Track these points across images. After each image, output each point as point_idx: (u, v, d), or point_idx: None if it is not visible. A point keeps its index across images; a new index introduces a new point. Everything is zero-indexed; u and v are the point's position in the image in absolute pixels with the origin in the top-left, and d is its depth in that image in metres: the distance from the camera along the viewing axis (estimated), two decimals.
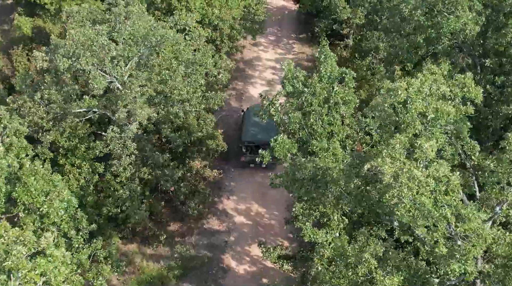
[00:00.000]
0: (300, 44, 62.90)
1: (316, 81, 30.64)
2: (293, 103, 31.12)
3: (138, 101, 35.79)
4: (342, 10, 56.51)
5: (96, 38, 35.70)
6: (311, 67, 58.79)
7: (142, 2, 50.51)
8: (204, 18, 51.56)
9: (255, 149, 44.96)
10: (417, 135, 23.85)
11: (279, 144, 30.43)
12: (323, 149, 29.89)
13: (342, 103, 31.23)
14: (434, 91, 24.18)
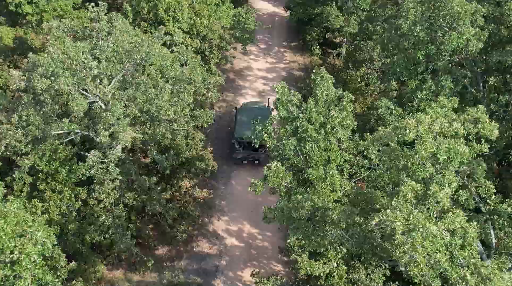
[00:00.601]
0: (291, 52, 60.34)
1: (312, 106, 28.11)
2: (288, 129, 28.57)
3: (122, 123, 33.13)
4: (334, 18, 54.03)
5: (76, 56, 33.00)
6: (303, 77, 56.33)
7: (128, 13, 48.16)
8: (192, 29, 48.97)
9: (247, 145, 44.69)
10: (427, 178, 21.38)
11: (272, 172, 27.88)
12: (320, 179, 27.43)
13: (339, 127, 28.74)
14: (446, 129, 21.71)
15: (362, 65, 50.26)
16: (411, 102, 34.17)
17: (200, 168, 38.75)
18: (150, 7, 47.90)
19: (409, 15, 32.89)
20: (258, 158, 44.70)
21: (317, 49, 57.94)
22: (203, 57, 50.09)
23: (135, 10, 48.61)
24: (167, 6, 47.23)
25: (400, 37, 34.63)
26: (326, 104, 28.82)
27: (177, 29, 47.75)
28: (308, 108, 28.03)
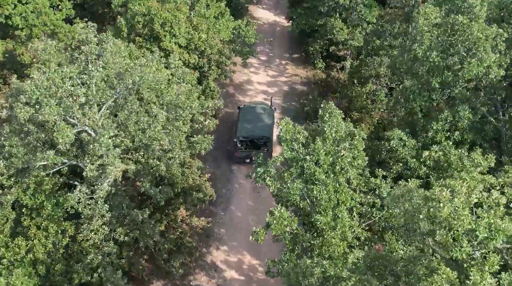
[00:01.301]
0: (293, 65, 57.09)
1: (320, 147, 24.89)
2: (293, 172, 25.37)
3: (111, 155, 29.96)
4: (339, 31, 50.83)
5: (61, 83, 29.81)
6: (305, 91, 53.09)
7: (122, 27, 44.94)
8: (190, 43, 45.75)
9: (249, 144, 44.09)
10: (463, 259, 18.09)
11: (276, 219, 24.73)
12: (330, 227, 24.32)
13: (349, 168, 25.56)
14: (485, 199, 18.55)
15: (368, 81, 47.05)
16: (426, 133, 30.99)
17: (197, 198, 35.61)
18: (146, 21, 44.71)
19: (424, 39, 29.69)
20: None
21: (320, 63, 54.74)
22: (201, 72, 46.96)
23: (130, 24, 45.39)
24: (163, 20, 44.03)
25: (413, 62, 31.41)
26: (335, 142, 25.64)
27: (174, 45, 44.67)
28: (315, 149, 24.83)
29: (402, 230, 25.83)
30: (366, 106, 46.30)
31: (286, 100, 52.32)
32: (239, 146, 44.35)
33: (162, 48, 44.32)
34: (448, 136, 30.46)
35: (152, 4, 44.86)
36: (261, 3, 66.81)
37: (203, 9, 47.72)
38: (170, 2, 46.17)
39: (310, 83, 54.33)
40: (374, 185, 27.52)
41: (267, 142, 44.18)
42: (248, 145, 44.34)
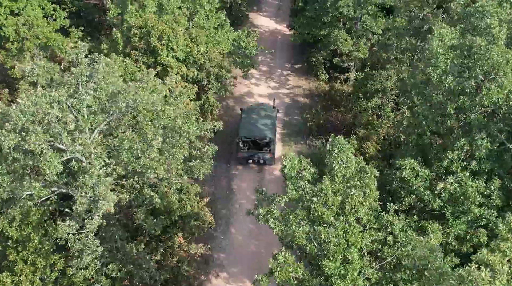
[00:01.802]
0: (295, 75, 54.55)
1: (328, 186, 22.42)
2: (299, 214, 22.90)
3: (101, 186, 27.49)
4: (343, 42, 48.29)
5: (49, 109, 27.32)
6: (308, 104, 50.56)
7: (118, 40, 42.48)
8: (188, 57, 43.26)
9: (252, 145, 43.01)
10: None
11: (280, 265, 22.28)
12: (339, 275, 21.90)
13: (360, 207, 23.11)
14: None
15: (374, 96, 44.55)
16: (440, 161, 28.51)
17: (196, 226, 33.22)
18: (142, 34, 42.21)
19: (438, 63, 27.17)
20: (263, 157, 42.62)
21: (323, 74, 52.20)
22: (200, 86, 44.51)
23: (126, 37, 42.90)
24: (161, 33, 41.53)
25: (425, 85, 28.93)
26: (344, 178, 23.19)
27: (171, 59, 42.18)
28: (323, 189, 22.37)
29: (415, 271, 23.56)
30: (371, 122, 43.82)
31: (288, 114, 49.80)
32: (241, 146, 43.15)
33: (159, 62, 41.93)
34: (464, 166, 28.01)
35: (149, 16, 42.39)
36: (262, 10, 64.22)
37: (202, 20, 45.20)
38: (168, 14, 43.71)
39: (313, 95, 51.83)
40: (386, 222, 25.09)
41: (269, 143, 42.94)
42: (251, 145, 43.19)
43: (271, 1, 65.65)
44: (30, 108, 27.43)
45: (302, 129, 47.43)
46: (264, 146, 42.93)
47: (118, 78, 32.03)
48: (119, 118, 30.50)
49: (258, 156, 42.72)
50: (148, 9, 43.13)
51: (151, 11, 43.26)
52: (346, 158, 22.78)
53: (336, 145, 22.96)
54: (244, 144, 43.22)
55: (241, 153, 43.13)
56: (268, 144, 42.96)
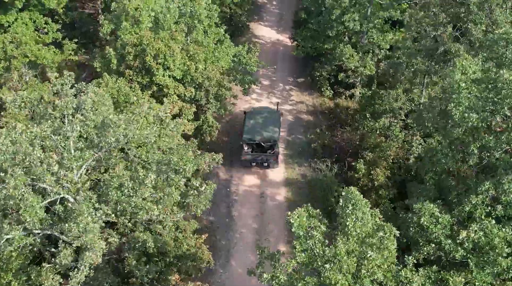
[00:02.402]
0: (298, 90, 51.43)
1: (342, 250, 19.42)
2: (309, 282, 19.88)
3: (90, 235, 24.49)
4: (348, 58, 45.17)
5: (29, 149, 24.31)
6: (312, 122, 47.48)
7: (112, 58, 39.42)
8: (186, 75, 40.21)
9: (256, 147, 42.13)
10: None
11: None
12: None
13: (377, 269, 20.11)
14: None
15: (382, 116, 41.51)
16: (462, 205, 25.47)
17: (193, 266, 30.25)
18: (137, 52, 39.14)
19: (461, 99, 24.08)
20: (267, 160, 41.59)
21: (328, 91, 49.09)
22: (199, 105, 41.47)
23: (120, 54, 39.82)
24: (156, 52, 38.46)
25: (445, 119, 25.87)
26: (359, 238, 20.18)
27: (168, 78, 39.12)
28: (337, 254, 19.36)
29: None
30: (380, 144, 40.73)
31: (291, 132, 46.70)
32: (245, 149, 42.12)
33: (155, 82, 38.88)
34: (489, 212, 25.01)
35: (144, 33, 39.27)
36: (263, 20, 60.98)
37: (200, 36, 42.09)
38: (164, 30, 40.61)
39: (316, 112, 48.73)
40: (405, 279, 22.08)
41: (273, 145, 41.90)
42: (255, 148, 42.26)
43: (273, 10, 62.46)
44: (9, 147, 24.44)
45: (306, 149, 44.39)
46: (268, 148, 41.90)
47: (109, 107, 28.97)
48: (108, 152, 27.50)
49: (262, 158, 41.63)
50: (143, 25, 40.03)
51: (146, 27, 40.16)
52: (361, 215, 19.76)
53: (350, 200, 19.92)
54: (248, 147, 42.14)
55: (245, 156, 41.89)
56: (272, 146, 41.92)
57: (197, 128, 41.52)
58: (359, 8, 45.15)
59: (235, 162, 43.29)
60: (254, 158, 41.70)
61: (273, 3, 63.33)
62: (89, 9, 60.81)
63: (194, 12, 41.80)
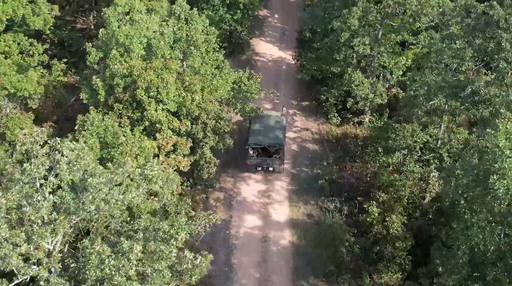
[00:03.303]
0: (302, 115, 47.00)
1: None
2: None
3: None
4: (358, 85, 40.76)
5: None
6: (319, 153, 43.05)
7: (99, 90, 35.13)
8: (181, 107, 35.89)
9: (261, 152, 40.81)
10: None
11: None
12: None
13: None
14: None
15: (396, 152, 37.23)
16: None
17: None
18: (127, 83, 34.83)
19: (506, 171, 19.74)
20: (272, 165, 40.18)
21: (335, 118, 44.73)
22: (195, 139, 37.20)
23: (108, 85, 35.49)
24: (148, 84, 34.13)
25: (483, 189, 21.53)
26: None
27: (161, 112, 34.78)
28: None
29: None
30: (393, 183, 36.43)
31: (296, 165, 42.28)
32: (250, 153, 40.73)
33: (147, 118, 34.56)
34: None
35: (135, 63, 34.92)
36: (265, 35, 56.41)
37: (197, 63, 37.66)
38: (158, 57, 36.20)
39: (323, 141, 44.30)
40: None
41: (279, 150, 40.40)
42: (260, 152, 40.85)
43: (275, 24, 57.91)
44: None
45: (312, 185, 40.02)
46: (273, 153, 40.56)
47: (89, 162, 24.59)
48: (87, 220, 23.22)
49: (267, 163, 40.35)
50: (134, 54, 35.60)
51: (138, 55, 35.74)
52: None
53: None
54: (254, 151, 40.74)
55: (251, 160, 40.44)
56: (277, 151, 40.48)
57: (193, 162, 37.36)
58: (369, 30, 40.73)
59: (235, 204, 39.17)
60: (259, 162, 40.29)
61: (275, 16, 58.81)
62: (81, 24, 56.53)
63: (190, 37, 37.40)
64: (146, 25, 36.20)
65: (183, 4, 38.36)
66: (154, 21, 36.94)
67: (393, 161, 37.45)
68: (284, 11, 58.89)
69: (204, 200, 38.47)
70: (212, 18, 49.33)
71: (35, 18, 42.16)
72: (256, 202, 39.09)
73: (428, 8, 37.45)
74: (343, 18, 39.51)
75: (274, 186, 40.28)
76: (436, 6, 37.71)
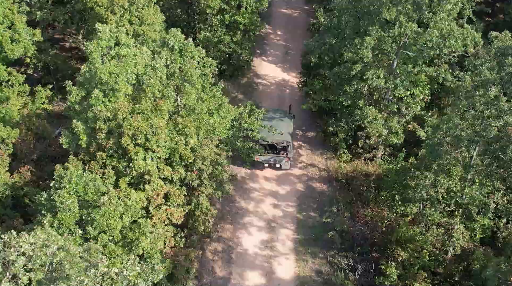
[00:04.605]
0: (308, 148, 41.94)
1: None
2: None
3: None
4: (371, 122, 35.70)
5: None
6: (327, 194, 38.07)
7: (80, 134, 30.23)
8: (173, 153, 30.95)
9: (268, 148, 39.48)
10: None
11: None
12: None
13: None
14: None
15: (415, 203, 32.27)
16: None
17: None
18: (111, 127, 29.85)
19: None
20: (279, 161, 39.00)
21: (345, 155, 39.71)
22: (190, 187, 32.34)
23: (91, 129, 30.50)
24: (135, 131, 29.14)
25: None
26: None
27: (150, 162, 29.79)
28: None
29: None
30: (413, 238, 31.52)
31: (302, 208, 37.26)
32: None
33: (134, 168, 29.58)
34: None
35: (120, 105, 29.93)
36: (266, 54, 51.31)
37: (192, 101, 32.62)
38: (147, 97, 31.19)
39: (331, 179, 39.24)
40: None
41: (286, 147, 39.15)
42: (267, 149, 39.41)
43: (277, 42, 52.82)
44: None
45: (321, 235, 35.02)
46: (281, 149, 39.36)
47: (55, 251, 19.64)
48: None
49: (274, 160, 39.11)
50: (120, 93, 30.59)
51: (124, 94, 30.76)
52: None
53: None
54: (261, 147, 39.04)
55: (258, 157, 38.72)
56: (285, 148, 39.27)
57: (188, 213, 32.51)
58: (382, 59, 35.69)
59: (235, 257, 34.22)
60: (266, 159, 38.97)
61: (277, 32, 53.69)
62: (70, 43, 51.43)
63: (184, 72, 32.38)
64: (135, 60, 31.16)
65: (177, 34, 33.34)
66: (144, 55, 31.89)
67: (411, 212, 32.44)
68: (287, 27, 53.87)
69: (199, 256, 33.41)
70: (210, 39, 44.35)
71: (14, 46, 37.34)
72: (259, 255, 34.18)
73: (451, 40, 32.44)
74: (354, 49, 34.46)
75: (279, 234, 35.35)
76: (460, 38, 32.69)
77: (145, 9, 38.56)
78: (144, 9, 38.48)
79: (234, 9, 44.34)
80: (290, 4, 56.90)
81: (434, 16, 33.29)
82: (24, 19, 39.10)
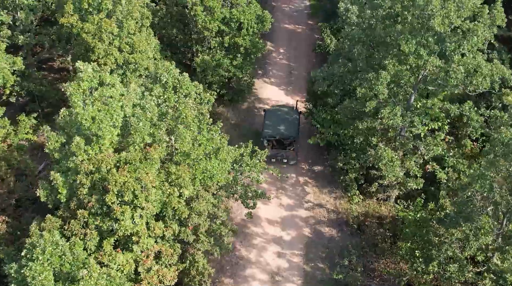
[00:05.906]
0: (315, 185, 37.63)
1: None
2: None
3: None
4: (386, 164, 31.36)
5: None
6: (336, 240, 33.84)
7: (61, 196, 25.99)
8: (166, 207, 26.66)
9: (275, 144, 39.27)
10: None
11: None
12: None
13: None
14: None
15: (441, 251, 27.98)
16: None
17: None
18: (94, 180, 25.52)
19: None
20: (286, 156, 38.63)
21: (356, 197, 35.44)
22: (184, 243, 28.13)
23: (72, 180, 26.16)
24: (121, 187, 24.83)
25: None
26: None
27: (139, 220, 25.52)
28: None
29: None
30: None
31: (310, 257, 32.97)
32: (265, 145, 38.98)
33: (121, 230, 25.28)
34: None
35: (105, 155, 25.62)
36: (269, 75, 46.96)
37: (186, 146, 28.26)
38: (135, 143, 26.84)
39: (341, 222, 34.98)
40: None
41: (293, 142, 38.92)
42: (274, 144, 39.33)
43: (280, 61, 48.48)
44: None
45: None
46: (288, 145, 39.05)
47: None
48: None
49: (282, 155, 38.62)
50: (105, 141, 26.26)
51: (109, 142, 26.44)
52: None
53: None
54: (268, 143, 39.15)
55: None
56: (292, 143, 38.94)
57: (182, 271, 28.31)
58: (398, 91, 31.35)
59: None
60: (273, 154, 38.33)
61: (280, 51, 49.35)
62: (58, 65, 47.09)
63: (178, 113, 28.05)
64: (121, 102, 26.83)
65: (171, 68, 28.99)
66: (132, 94, 27.58)
67: (434, 270, 28.17)
68: (291, 44, 49.59)
69: None
70: (208, 63, 40.03)
71: None
72: None
73: (479, 78, 28.15)
74: (368, 84, 30.12)
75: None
76: (489, 75, 28.40)
77: (136, 34, 34.28)
78: (135, 35, 34.19)
79: (234, 31, 39.95)
80: (293, 19, 52.63)
81: (458, 49, 28.92)
82: (4, 46, 34.94)
